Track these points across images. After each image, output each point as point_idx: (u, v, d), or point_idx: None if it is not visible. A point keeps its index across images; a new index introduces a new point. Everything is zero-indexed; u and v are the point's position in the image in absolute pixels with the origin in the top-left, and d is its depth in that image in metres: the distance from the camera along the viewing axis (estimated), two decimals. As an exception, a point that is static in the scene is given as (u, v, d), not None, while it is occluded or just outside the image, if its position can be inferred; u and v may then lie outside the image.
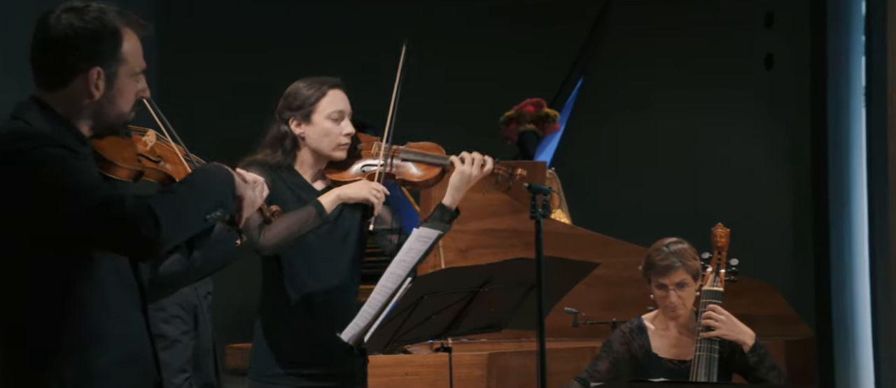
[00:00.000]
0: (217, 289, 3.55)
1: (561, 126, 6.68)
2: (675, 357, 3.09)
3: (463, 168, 2.80)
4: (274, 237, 2.68)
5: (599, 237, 4.54)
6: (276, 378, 2.74)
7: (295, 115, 2.78)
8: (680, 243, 3.10)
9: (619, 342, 3.14)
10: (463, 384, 3.66)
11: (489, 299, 2.63)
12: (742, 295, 3.27)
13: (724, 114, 7.09)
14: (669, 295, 3.04)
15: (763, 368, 3.00)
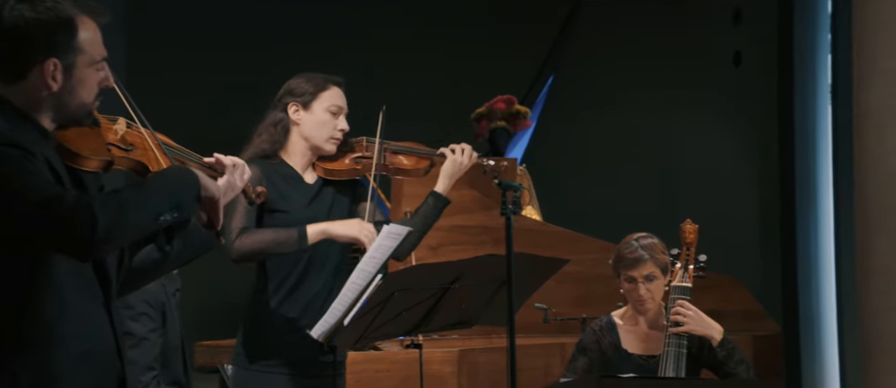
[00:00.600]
0: (186, 286, 3.52)
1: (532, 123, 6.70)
2: (644, 353, 3.11)
3: (455, 157, 2.89)
4: (245, 247, 2.70)
5: (570, 234, 4.56)
6: (262, 368, 2.75)
7: (295, 100, 2.82)
8: (649, 237, 3.13)
9: (591, 341, 3.16)
10: (434, 381, 3.67)
11: (459, 295, 2.63)
12: (710, 291, 3.30)
13: (692, 111, 7.15)
14: (638, 288, 3.05)
15: (732, 362, 3.02)
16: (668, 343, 3.02)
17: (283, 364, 2.75)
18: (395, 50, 6.90)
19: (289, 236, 2.72)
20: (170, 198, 1.84)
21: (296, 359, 2.76)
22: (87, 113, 1.92)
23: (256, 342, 2.77)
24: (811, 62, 6.93)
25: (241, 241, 2.68)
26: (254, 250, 2.71)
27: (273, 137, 2.82)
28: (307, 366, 2.77)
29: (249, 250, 2.70)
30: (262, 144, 2.82)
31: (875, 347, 3.83)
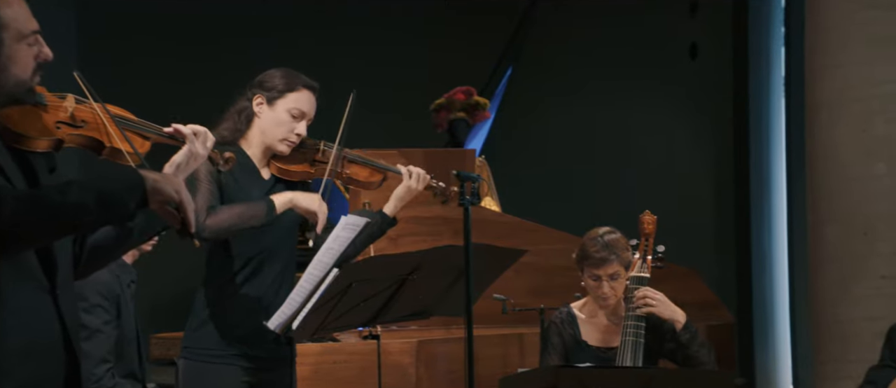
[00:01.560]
0: (141, 278, 3.48)
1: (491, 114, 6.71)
2: (603, 344, 3.13)
3: (410, 183, 2.86)
4: (217, 224, 2.64)
5: (528, 224, 4.58)
6: (214, 360, 2.71)
7: (261, 93, 2.78)
8: (613, 233, 3.13)
9: (555, 335, 3.17)
10: (392, 371, 3.67)
11: (418, 286, 2.62)
12: (666, 281, 3.33)
13: (649, 103, 7.21)
14: (603, 286, 3.07)
15: (694, 345, 3.06)
16: (625, 333, 3.04)
17: (236, 356, 2.71)
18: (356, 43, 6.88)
19: (258, 209, 2.68)
20: (98, 198, 1.76)
21: (248, 351, 2.72)
22: (26, 90, 1.85)
23: (207, 334, 2.72)
24: (765, 55, 7.04)
25: (212, 218, 2.63)
26: (225, 227, 2.64)
27: (235, 125, 2.79)
28: (260, 358, 2.73)
29: (221, 226, 2.64)
30: (223, 130, 2.77)
31: (825, 334, 3.91)
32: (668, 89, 7.16)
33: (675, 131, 7.21)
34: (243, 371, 2.71)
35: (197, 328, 2.74)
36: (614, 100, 7.19)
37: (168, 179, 1.88)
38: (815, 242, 3.97)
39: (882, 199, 3.76)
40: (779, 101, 7.38)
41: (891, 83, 3.77)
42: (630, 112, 7.21)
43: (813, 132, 3.96)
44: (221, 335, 2.71)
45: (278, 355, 2.74)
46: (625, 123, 7.22)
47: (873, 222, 3.77)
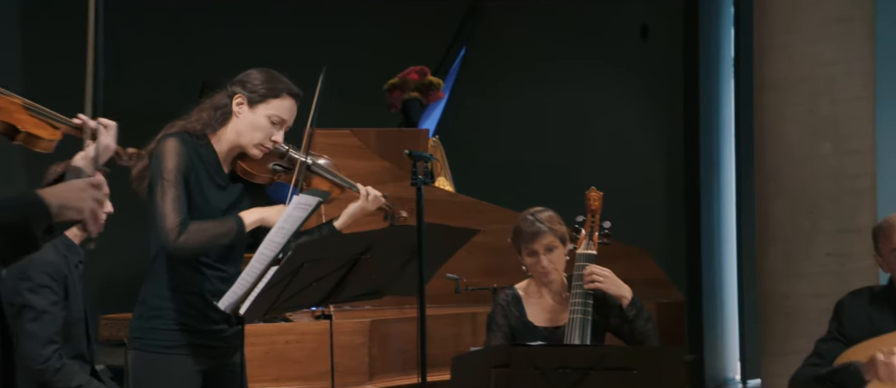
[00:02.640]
0: (90, 259, 3.42)
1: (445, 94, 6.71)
2: (549, 324, 3.15)
3: (365, 204, 2.84)
4: (191, 244, 2.57)
5: (481, 204, 4.59)
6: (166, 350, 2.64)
7: (244, 94, 2.69)
8: (545, 210, 3.15)
9: (500, 316, 3.18)
10: (345, 351, 3.67)
11: (370, 266, 2.62)
12: (617, 260, 3.36)
13: (601, 84, 7.26)
14: (541, 260, 3.09)
15: (640, 320, 3.10)
16: (573, 311, 3.07)
17: (189, 346, 2.65)
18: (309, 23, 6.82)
19: (229, 229, 2.62)
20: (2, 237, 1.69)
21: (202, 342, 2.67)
22: None
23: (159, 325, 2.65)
24: (715, 35, 7.11)
25: (183, 238, 2.55)
26: (195, 248, 2.59)
27: (210, 119, 2.69)
28: (212, 347, 2.69)
29: (190, 247, 2.58)
30: (196, 122, 2.69)
31: (772, 311, 3.98)
32: (620, 70, 7.22)
33: (627, 112, 7.27)
34: (197, 361, 2.66)
35: (149, 317, 2.67)
36: (566, 80, 7.23)
37: (73, 196, 1.80)
38: (762, 220, 4.04)
39: (827, 178, 3.83)
40: (728, 81, 7.48)
41: (836, 64, 3.84)
42: (582, 92, 7.25)
43: (761, 112, 4.01)
44: (174, 326, 2.65)
45: (230, 341, 2.72)
46: (577, 104, 7.26)
47: (819, 201, 3.84)
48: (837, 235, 3.83)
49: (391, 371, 3.77)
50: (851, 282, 3.74)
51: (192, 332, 2.66)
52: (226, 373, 2.74)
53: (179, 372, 2.64)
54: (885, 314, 2.96)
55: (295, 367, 3.64)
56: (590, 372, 2.48)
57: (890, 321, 2.94)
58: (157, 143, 2.64)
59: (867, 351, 2.88)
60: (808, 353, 3.12)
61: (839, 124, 3.83)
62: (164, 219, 2.56)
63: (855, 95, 3.85)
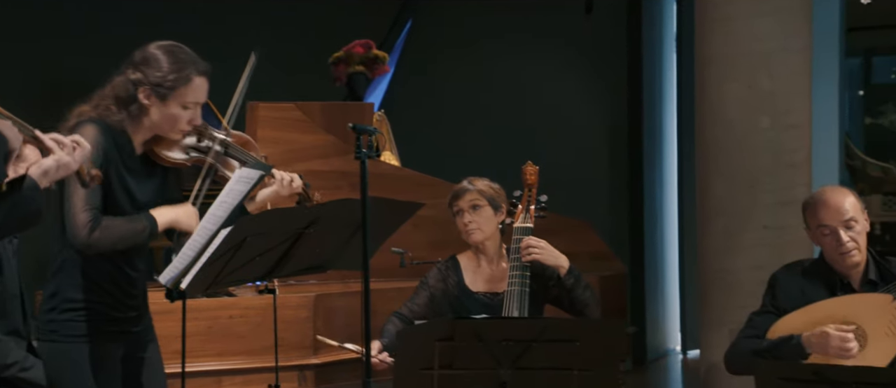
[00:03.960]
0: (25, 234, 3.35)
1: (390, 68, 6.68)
2: (487, 291, 3.21)
3: (280, 189, 2.75)
4: (101, 243, 2.44)
5: (426, 178, 4.60)
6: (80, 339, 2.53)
7: (149, 88, 2.50)
8: (482, 179, 3.25)
9: (435, 279, 3.24)
10: (289, 325, 3.65)
11: (314, 240, 2.61)
12: (560, 233, 3.40)
13: (546, 57, 7.29)
14: (464, 217, 3.16)
15: (579, 288, 3.16)
16: (511, 284, 3.11)
17: (105, 333, 2.55)
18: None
19: (141, 229, 2.50)
20: None
21: (118, 328, 2.58)
22: None
23: (73, 316, 2.53)
24: (658, 10, 7.18)
25: (96, 236, 2.43)
26: (111, 245, 2.47)
27: (128, 114, 2.52)
28: (129, 332, 2.61)
29: (106, 245, 2.46)
30: (110, 114, 2.52)
31: (711, 283, 4.06)
32: (564, 44, 7.25)
33: (571, 86, 7.32)
34: (115, 348, 2.58)
35: (63, 310, 2.54)
36: (511, 54, 7.25)
37: None
38: (702, 194, 4.10)
39: (766, 152, 3.90)
40: (671, 56, 7.57)
41: (775, 39, 3.90)
42: (527, 67, 7.28)
43: (702, 87, 4.07)
44: (90, 316, 2.54)
45: (146, 324, 2.66)
46: (521, 78, 7.28)
47: (757, 174, 3.91)
48: (775, 208, 3.91)
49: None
50: (788, 253, 3.83)
51: (109, 320, 2.56)
52: (145, 359, 2.66)
53: (98, 360, 2.54)
54: (816, 286, 3.03)
55: (239, 342, 3.62)
56: (533, 344, 2.51)
57: (821, 293, 3.02)
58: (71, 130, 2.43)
59: (797, 320, 2.96)
60: (744, 325, 3.18)
61: (777, 99, 3.90)
62: (74, 216, 2.42)
63: (793, 71, 3.92)
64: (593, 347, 2.53)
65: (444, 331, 2.51)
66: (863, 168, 9.99)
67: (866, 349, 2.87)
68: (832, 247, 2.97)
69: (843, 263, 2.98)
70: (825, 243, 2.99)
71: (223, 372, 3.62)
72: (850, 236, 2.94)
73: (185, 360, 2.95)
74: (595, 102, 7.34)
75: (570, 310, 3.21)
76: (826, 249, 3.00)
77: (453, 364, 2.52)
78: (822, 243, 3.01)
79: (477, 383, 2.54)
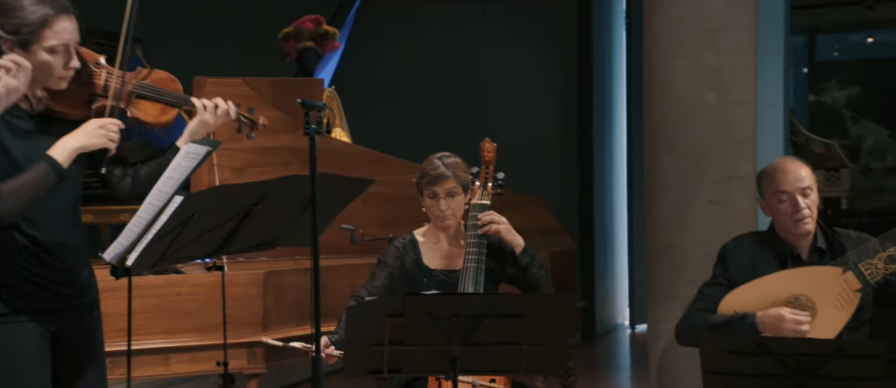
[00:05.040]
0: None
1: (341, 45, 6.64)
2: (444, 268, 3.21)
3: (205, 116, 2.63)
4: (11, 207, 2.30)
5: (377, 155, 4.58)
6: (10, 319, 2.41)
7: (11, 41, 2.31)
8: (452, 156, 3.21)
9: (392, 257, 3.22)
10: (239, 303, 3.63)
11: (264, 216, 2.59)
12: (511, 209, 3.42)
13: (497, 35, 7.29)
14: (440, 203, 3.14)
15: (534, 267, 3.19)
16: (467, 260, 3.12)
17: (29, 311, 2.45)
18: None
19: (45, 174, 2.33)
20: None
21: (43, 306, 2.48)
22: None
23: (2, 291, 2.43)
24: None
25: (5, 203, 2.28)
26: (22, 205, 2.32)
27: None
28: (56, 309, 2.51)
29: (16, 207, 2.31)
30: None
31: (659, 258, 4.11)
32: (514, 22, 7.26)
33: (521, 63, 7.33)
34: (41, 324, 2.47)
35: None
36: (462, 30, 7.24)
37: None
38: (650, 170, 4.14)
39: (711, 128, 3.95)
40: (620, 33, 7.62)
41: (721, 16, 3.95)
42: (479, 44, 7.28)
43: (650, 64, 4.10)
44: (10, 294, 2.42)
45: (78, 299, 2.54)
46: (473, 55, 7.28)
47: (703, 150, 3.96)
48: (720, 183, 3.96)
49: (286, 322, 3.75)
50: (734, 228, 3.89)
51: (31, 297, 2.45)
52: (79, 332, 2.57)
53: (23, 338, 2.42)
54: (766, 257, 3.08)
55: (187, 319, 3.58)
56: (483, 320, 2.52)
57: (771, 264, 3.07)
58: None
59: (748, 293, 3.01)
60: (692, 298, 3.23)
61: (723, 76, 3.94)
62: None
63: (738, 48, 3.96)
64: (543, 322, 2.55)
65: (395, 307, 2.51)
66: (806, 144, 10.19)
67: (816, 320, 2.93)
68: (787, 214, 3.02)
69: (796, 230, 3.03)
70: (781, 210, 3.04)
71: (171, 350, 3.58)
72: (806, 203, 3.00)
73: (130, 338, 2.91)
74: (546, 78, 7.37)
75: (525, 288, 3.23)
76: (781, 216, 3.05)
77: (403, 340, 2.52)
78: (777, 210, 3.05)
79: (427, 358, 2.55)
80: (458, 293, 3.05)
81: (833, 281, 2.92)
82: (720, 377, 2.65)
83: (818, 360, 2.56)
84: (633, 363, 6.71)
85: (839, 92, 12.06)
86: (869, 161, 11.94)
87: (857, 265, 2.91)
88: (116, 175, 2.62)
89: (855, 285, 2.91)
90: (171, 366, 3.60)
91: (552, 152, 7.38)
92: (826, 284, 2.92)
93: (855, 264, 2.91)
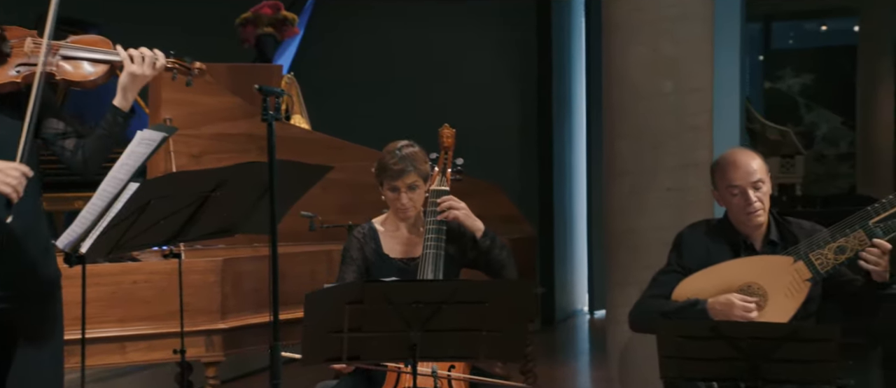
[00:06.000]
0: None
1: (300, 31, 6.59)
2: (404, 256, 3.20)
3: (133, 68, 2.55)
4: None
5: (336, 142, 4.56)
6: None
7: None
8: (411, 146, 3.18)
9: (356, 250, 3.20)
10: (196, 290, 3.60)
11: (221, 203, 2.57)
12: (471, 196, 3.42)
13: (457, 22, 7.29)
14: (401, 197, 3.12)
15: (495, 249, 3.20)
16: (427, 246, 3.12)
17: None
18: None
19: None
20: None
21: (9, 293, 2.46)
22: None
23: None
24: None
25: None
26: None
27: None
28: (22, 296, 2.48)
29: None
30: None
31: (617, 244, 4.14)
32: (474, 8, 7.26)
33: (481, 50, 7.34)
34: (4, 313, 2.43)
35: None
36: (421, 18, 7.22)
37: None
38: (608, 156, 4.17)
39: (669, 115, 3.99)
40: (579, 21, 7.66)
41: (677, 6, 3.98)
42: (437, 30, 7.27)
43: (608, 52, 4.13)
44: None
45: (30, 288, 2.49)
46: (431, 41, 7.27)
47: (661, 137, 4.00)
48: (677, 170, 4.00)
49: (244, 310, 3.73)
50: (690, 214, 3.94)
51: None
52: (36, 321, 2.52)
53: None
54: (720, 246, 3.12)
55: (143, 307, 3.55)
56: (443, 306, 2.53)
57: (725, 253, 3.11)
58: None
59: (702, 281, 3.05)
60: (649, 284, 3.26)
61: (680, 64, 3.98)
62: None
63: (695, 37, 4.00)
64: (502, 308, 2.56)
65: (354, 294, 2.51)
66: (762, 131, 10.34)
67: (766, 308, 2.98)
68: (740, 207, 3.06)
69: (748, 223, 3.07)
70: (733, 204, 3.08)
71: (127, 338, 3.55)
72: (758, 196, 3.04)
73: (84, 326, 2.87)
74: (505, 65, 7.39)
75: (488, 271, 3.24)
76: (733, 209, 3.09)
77: (363, 327, 2.52)
78: (729, 203, 3.09)
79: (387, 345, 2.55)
80: (417, 280, 3.05)
81: (784, 270, 2.97)
82: (676, 361, 2.69)
83: (771, 343, 2.60)
84: (592, 349, 6.77)
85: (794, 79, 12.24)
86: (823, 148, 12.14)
87: (808, 255, 2.96)
88: (69, 150, 2.58)
89: (805, 275, 2.96)
90: (127, 354, 3.57)
91: (512, 139, 7.40)
92: (777, 272, 2.97)
93: (805, 254, 2.96)
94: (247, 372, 5.65)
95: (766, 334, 2.63)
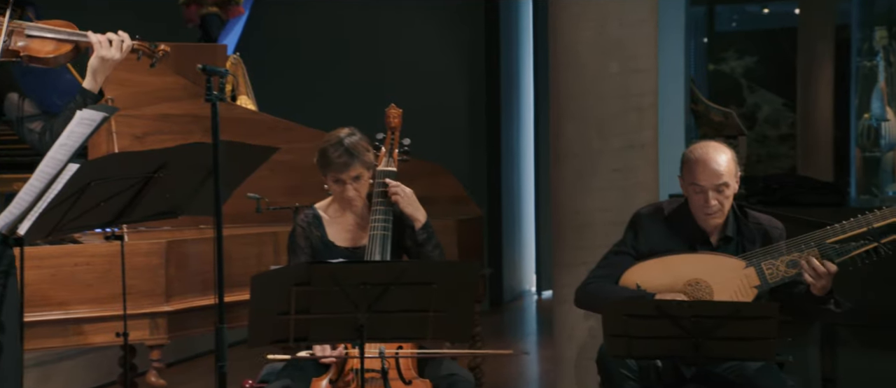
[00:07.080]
0: None
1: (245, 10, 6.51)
2: (350, 244, 3.18)
3: (103, 52, 2.60)
4: None
5: (283, 123, 4.52)
6: None
7: None
8: (353, 134, 3.10)
9: (301, 238, 3.17)
10: (140, 273, 3.55)
11: (164, 184, 2.53)
12: (418, 177, 3.42)
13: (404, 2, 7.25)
14: (347, 190, 3.08)
15: (429, 245, 3.17)
16: (373, 228, 3.10)
17: None
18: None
19: None
20: None
21: None
22: None
23: None
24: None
25: None
26: None
27: None
28: None
29: None
30: None
31: (563, 224, 4.18)
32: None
33: (429, 30, 7.32)
34: None
35: None
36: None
37: None
38: (555, 138, 4.19)
39: (615, 97, 4.02)
40: (527, 2, 7.67)
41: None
42: (385, 10, 7.22)
43: (555, 33, 4.14)
44: None
45: None
46: (379, 22, 7.23)
47: (607, 118, 4.03)
48: (623, 151, 4.04)
49: (189, 292, 3.69)
50: (635, 196, 3.98)
51: None
52: None
53: None
54: (677, 237, 3.15)
55: (85, 290, 3.49)
56: (390, 287, 2.53)
57: (680, 244, 3.14)
58: None
59: (653, 270, 3.08)
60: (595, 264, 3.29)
61: (626, 46, 4.01)
62: None
63: (641, 18, 4.03)
64: (450, 289, 2.57)
65: (301, 276, 2.50)
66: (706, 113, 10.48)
67: None
68: (699, 205, 3.09)
69: (704, 221, 3.11)
70: (693, 200, 3.10)
71: (68, 321, 3.48)
72: (718, 199, 3.05)
73: (23, 310, 2.81)
74: (452, 46, 7.38)
75: None
76: (693, 204, 3.11)
77: (310, 309, 2.51)
78: (690, 197, 3.11)
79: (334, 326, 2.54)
80: (364, 261, 3.04)
81: (735, 272, 3.01)
82: (621, 339, 2.73)
83: (714, 322, 2.65)
84: (539, 329, 6.83)
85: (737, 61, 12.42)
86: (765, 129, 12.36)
87: (761, 264, 3.00)
88: (36, 132, 2.57)
89: (754, 282, 3.01)
90: (68, 338, 3.50)
91: (459, 120, 7.41)
92: (727, 273, 3.01)
93: (758, 263, 3.00)
94: (192, 355, 5.60)
95: (708, 312, 2.68)
